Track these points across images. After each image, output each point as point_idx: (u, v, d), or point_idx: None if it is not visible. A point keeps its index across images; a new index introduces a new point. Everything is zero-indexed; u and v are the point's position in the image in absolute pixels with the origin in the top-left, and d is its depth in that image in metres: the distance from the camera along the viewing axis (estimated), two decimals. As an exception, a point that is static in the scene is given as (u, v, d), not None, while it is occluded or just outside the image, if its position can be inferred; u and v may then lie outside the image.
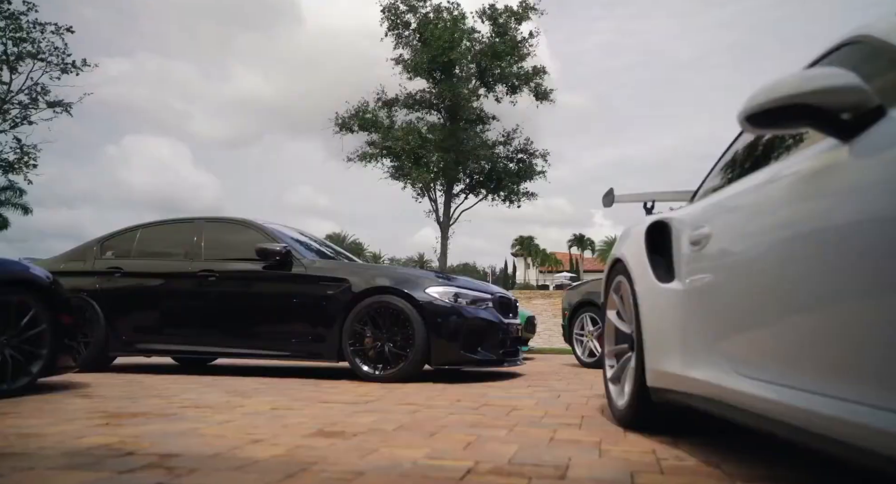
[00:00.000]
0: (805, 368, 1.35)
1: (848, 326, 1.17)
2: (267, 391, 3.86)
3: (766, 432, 1.59)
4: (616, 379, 2.83)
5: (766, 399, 1.53)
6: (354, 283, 4.88)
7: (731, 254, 1.81)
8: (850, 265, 1.16)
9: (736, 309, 1.75)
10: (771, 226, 1.56)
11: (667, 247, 2.34)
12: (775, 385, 1.51)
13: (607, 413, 2.97)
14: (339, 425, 2.52)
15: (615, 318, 2.87)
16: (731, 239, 1.82)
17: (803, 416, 1.32)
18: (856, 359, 1.16)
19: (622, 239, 2.78)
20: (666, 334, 2.19)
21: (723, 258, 1.86)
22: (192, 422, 2.54)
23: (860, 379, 1.14)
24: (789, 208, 1.48)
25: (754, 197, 1.70)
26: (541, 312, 18.40)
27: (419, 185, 22.28)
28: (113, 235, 5.93)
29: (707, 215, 2.03)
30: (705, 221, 2.01)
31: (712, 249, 1.92)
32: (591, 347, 7.04)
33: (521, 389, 4.21)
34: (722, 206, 1.96)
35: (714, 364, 1.89)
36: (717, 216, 1.94)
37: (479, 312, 4.92)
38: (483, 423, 2.65)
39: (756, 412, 1.61)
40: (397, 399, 3.52)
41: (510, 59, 22.37)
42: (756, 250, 1.63)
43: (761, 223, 1.62)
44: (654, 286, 2.28)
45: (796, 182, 1.46)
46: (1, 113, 18.20)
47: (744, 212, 1.78)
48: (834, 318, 1.22)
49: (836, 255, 1.21)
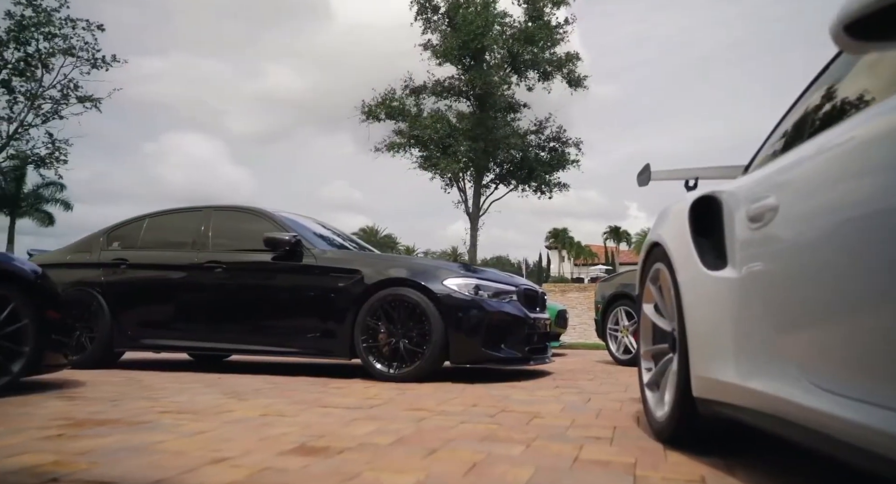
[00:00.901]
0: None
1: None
2: (267, 392, 3.54)
3: (853, 465, 1.18)
4: (654, 385, 2.41)
5: (853, 422, 1.12)
6: (367, 274, 4.53)
7: (806, 230, 1.38)
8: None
9: (811, 302, 1.33)
10: (864, 192, 1.14)
11: (716, 227, 1.92)
12: (866, 404, 1.10)
13: (643, 423, 2.55)
14: (327, 438, 2.17)
15: (652, 313, 2.46)
16: (807, 211, 1.39)
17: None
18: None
19: (660, 219, 2.35)
20: (716, 334, 1.77)
21: (794, 236, 1.43)
22: (161, 433, 2.21)
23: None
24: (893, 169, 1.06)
25: (841, 154, 1.28)
26: (575, 305, 17.88)
27: (448, 175, 21.79)
28: (120, 225, 5.68)
29: (772, 183, 1.60)
30: (769, 191, 1.58)
31: (779, 226, 1.49)
32: (626, 344, 6.58)
33: (547, 391, 3.81)
34: (794, 170, 1.52)
35: (780, 373, 1.47)
36: (788, 183, 1.51)
37: (503, 306, 4.52)
38: (497, 435, 2.27)
39: (839, 438, 1.20)
40: (406, 403, 3.16)
41: (543, 44, 21.71)
42: (842, 225, 1.21)
43: (850, 189, 1.20)
44: (701, 275, 1.86)
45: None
46: (34, 108, 18.43)
47: (825, 174, 1.35)
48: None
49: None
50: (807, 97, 1.86)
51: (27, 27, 17.74)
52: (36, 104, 18.43)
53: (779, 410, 1.49)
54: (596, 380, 4.68)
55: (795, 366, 1.41)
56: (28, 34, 17.81)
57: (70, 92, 18.66)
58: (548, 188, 23.14)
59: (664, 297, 2.29)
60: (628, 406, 3.17)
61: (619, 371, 5.71)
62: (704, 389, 1.83)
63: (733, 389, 1.68)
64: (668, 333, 2.23)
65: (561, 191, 23.36)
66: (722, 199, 1.95)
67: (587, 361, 7.26)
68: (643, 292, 2.54)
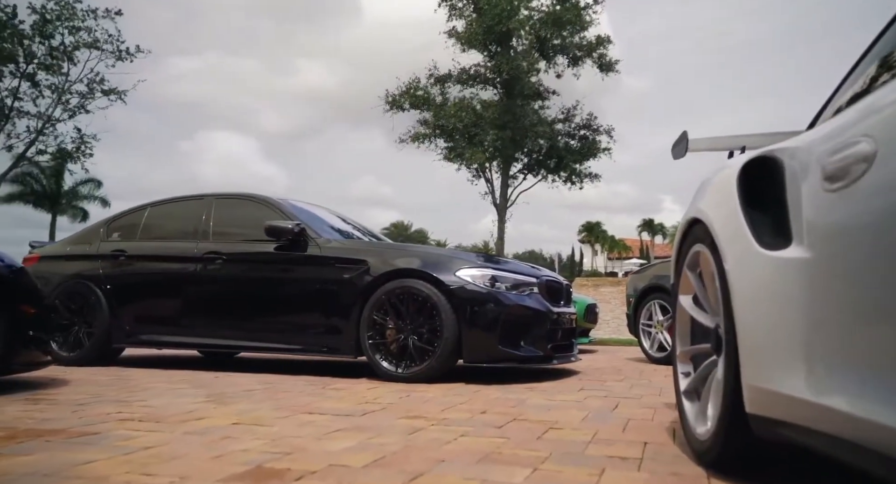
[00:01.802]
0: None
1: None
2: (256, 395, 3.19)
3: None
4: (693, 393, 1.98)
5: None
6: (373, 265, 4.15)
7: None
8: None
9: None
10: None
11: (775, 194, 1.49)
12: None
13: (680, 438, 2.13)
14: (292, 456, 1.79)
15: (691, 306, 2.02)
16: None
17: None
18: None
19: (701, 191, 1.92)
20: (778, 333, 1.34)
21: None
22: (98, 449, 1.86)
23: None
24: None
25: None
26: (609, 299, 17.30)
27: (474, 165, 21.23)
28: (121, 215, 5.42)
29: (864, 126, 1.16)
30: (859, 135, 1.14)
31: (874, 181, 1.06)
32: (660, 340, 6.09)
33: (570, 395, 3.39)
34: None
35: (874, 389, 1.05)
36: (891, 119, 1.07)
37: (522, 299, 4.10)
38: (500, 453, 1.87)
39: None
40: (406, 409, 2.77)
41: (572, 29, 20.97)
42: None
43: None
44: (757, 256, 1.43)
45: None
46: (61, 103, 18.53)
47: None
48: None
49: None
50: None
51: (51, 21, 17.82)
52: (63, 99, 18.53)
53: (870, 440, 1.07)
54: (626, 381, 4.24)
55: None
56: (52, 27, 17.89)
57: (96, 86, 18.72)
58: (578, 178, 22.40)
59: (706, 286, 1.86)
60: (662, 414, 2.74)
61: (653, 370, 5.24)
62: (761, 405, 1.40)
63: (803, 407, 1.25)
64: (710, 331, 1.80)
65: (592, 181, 22.61)
66: (782, 159, 1.51)
67: (618, 359, 6.79)
68: (679, 281, 2.11)
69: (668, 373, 4.79)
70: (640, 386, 3.91)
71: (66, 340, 4.86)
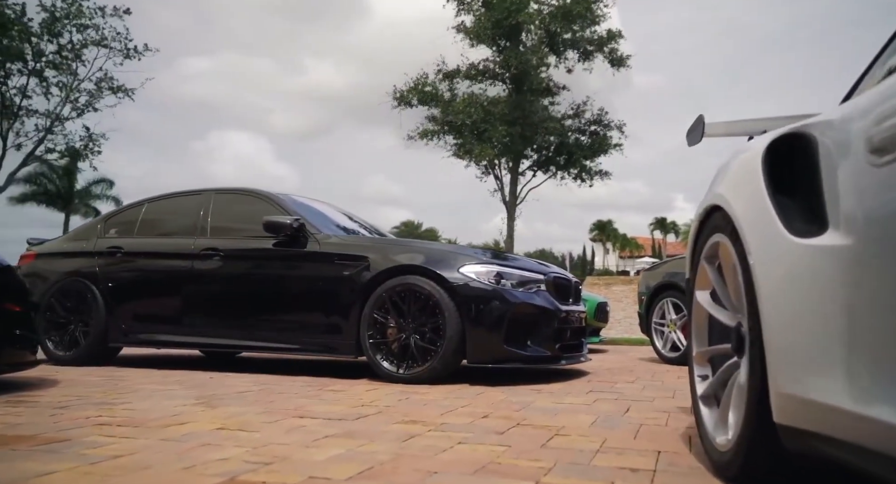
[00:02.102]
0: None
1: None
2: (248, 397, 3.05)
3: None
4: (711, 398, 1.81)
5: None
6: (374, 261, 3.99)
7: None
8: None
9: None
10: None
11: (807, 174, 1.31)
12: None
13: (697, 446, 1.95)
14: (271, 467, 1.64)
15: (709, 302, 1.85)
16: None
17: None
18: None
19: (719, 176, 1.74)
20: (812, 332, 1.17)
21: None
22: (64, 459, 1.72)
23: None
24: None
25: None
26: (621, 298, 17.05)
27: (483, 162, 20.99)
28: (119, 211, 5.31)
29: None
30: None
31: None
32: (673, 339, 5.89)
33: (578, 397, 3.21)
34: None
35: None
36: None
37: (529, 297, 3.93)
38: (499, 464, 1.71)
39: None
40: (403, 413, 2.62)
41: (582, 23, 20.67)
42: None
43: None
44: (786, 244, 1.26)
45: None
46: (70, 101, 18.52)
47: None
48: None
49: None
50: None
51: (59, 19, 17.79)
52: (72, 98, 18.52)
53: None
54: (638, 382, 4.05)
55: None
56: (60, 25, 17.86)
57: (104, 83, 18.68)
58: (588, 175, 22.10)
59: (726, 280, 1.69)
60: (676, 419, 2.56)
61: (665, 371, 5.05)
62: (792, 414, 1.23)
63: (841, 417, 1.08)
64: (731, 330, 1.63)
65: (602, 178, 22.30)
66: (814, 134, 1.33)
67: (629, 359, 6.60)
68: (696, 276, 1.93)
69: (681, 373, 4.60)
70: (652, 387, 3.73)
71: (62, 340, 4.74)
